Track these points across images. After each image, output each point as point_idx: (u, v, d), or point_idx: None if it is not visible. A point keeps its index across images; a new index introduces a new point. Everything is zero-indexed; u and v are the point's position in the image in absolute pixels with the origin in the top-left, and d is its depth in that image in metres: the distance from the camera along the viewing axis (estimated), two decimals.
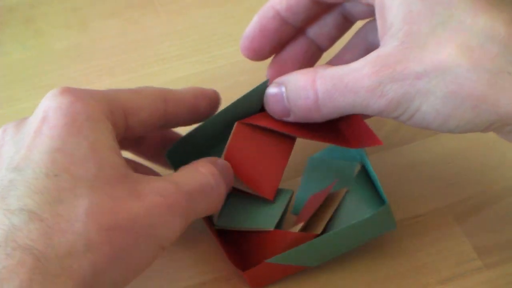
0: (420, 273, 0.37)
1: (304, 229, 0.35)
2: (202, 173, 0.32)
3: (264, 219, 0.36)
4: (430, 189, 0.40)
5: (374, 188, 0.37)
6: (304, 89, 0.32)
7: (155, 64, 0.47)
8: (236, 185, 0.35)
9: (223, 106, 0.44)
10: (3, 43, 0.48)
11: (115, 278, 0.28)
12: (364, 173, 0.38)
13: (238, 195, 0.36)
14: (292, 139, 0.37)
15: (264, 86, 0.35)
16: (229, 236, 0.37)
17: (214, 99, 0.36)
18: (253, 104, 0.36)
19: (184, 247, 0.38)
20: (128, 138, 0.33)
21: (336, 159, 0.39)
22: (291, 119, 0.34)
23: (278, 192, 0.36)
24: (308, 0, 0.36)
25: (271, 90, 0.34)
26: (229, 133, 0.36)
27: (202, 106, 0.35)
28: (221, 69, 0.46)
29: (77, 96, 0.30)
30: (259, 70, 0.46)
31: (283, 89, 0.34)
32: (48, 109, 0.29)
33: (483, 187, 0.40)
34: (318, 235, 0.35)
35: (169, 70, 0.46)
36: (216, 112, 0.36)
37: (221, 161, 0.34)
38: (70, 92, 0.30)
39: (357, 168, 0.39)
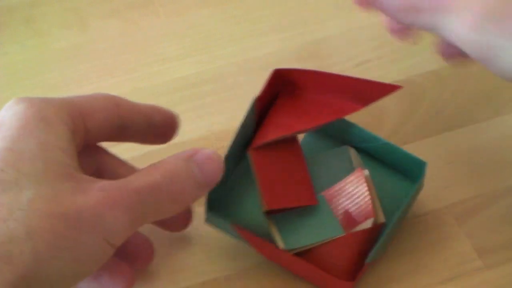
0: (420, 273, 0.37)
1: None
2: (151, 174, 0.31)
3: (327, 227, 0.36)
4: (430, 189, 0.40)
5: (379, 162, 0.39)
6: None
7: (155, 64, 0.47)
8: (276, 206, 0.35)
9: (222, 103, 0.44)
10: (3, 43, 0.48)
11: (60, 269, 0.28)
12: (360, 153, 0.39)
13: (281, 215, 0.36)
14: (296, 141, 0.37)
15: (252, 106, 0.36)
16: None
17: (169, 116, 0.36)
18: (250, 124, 0.36)
19: (184, 248, 0.38)
20: (90, 143, 0.33)
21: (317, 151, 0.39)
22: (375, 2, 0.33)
23: None
24: None
25: None
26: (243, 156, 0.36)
27: (157, 119, 0.35)
28: (221, 69, 0.46)
29: (32, 103, 0.31)
30: (259, 70, 0.46)
31: None
32: (3, 118, 0.30)
33: (483, 187, 0.40)
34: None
35: (169, 70, 0.46)
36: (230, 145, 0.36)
37: (201, 154, 0.32)
38: (25, 100, 0.31)
39: (351, 151, 0.39)
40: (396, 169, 0.39)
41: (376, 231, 0.36)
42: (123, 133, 0.34)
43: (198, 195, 0.32)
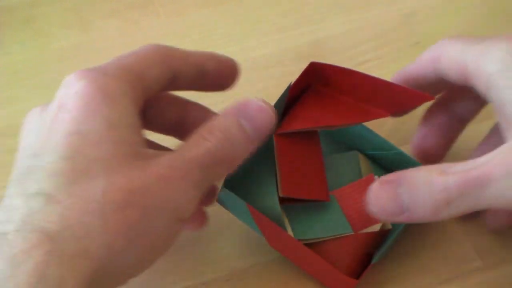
0: (420, 274, 0.37)
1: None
2: (207, 140, 0.30)
3: (336, 224, 0.36)
4: None
5: (386, 170, 0.39)
6: (436, 183, 0.30)
7: None
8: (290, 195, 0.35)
9: (222, 103, 0.44)
10: (3, 43, 0.48)
11: (135, 258, 0.28)
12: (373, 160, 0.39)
13: (291, 206, 0.36)
14: (317, 136, 0.37)
15: (286, 91, 0.36)
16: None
17: (225, 63, 0.35)
18: (279, 110, 0.36)
19: (185, 247, 0.38)
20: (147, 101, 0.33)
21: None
22: (403, 218, 0.31)
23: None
24: (433, 80, 0.35)
25: (381, 187, 0.31)
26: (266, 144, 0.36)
27: (210, 67, 0.34)
28: None
29: (92, 78, 0.30)
30: (259, 71, 0.46)
31: (398, 186, 0.31)
32: (64, 96, 0.30)
33: None
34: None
35: None
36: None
37: (251, 106, 0.31)
38: (84, 76, 0.30)
39: (360, 157, 0.39)
40: None
41: (382, 236, 0.36)
42: (175, 83, 0.34)
43: (249, 151, 0.32)
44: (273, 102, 0.36)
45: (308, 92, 0.38)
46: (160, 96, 0.35)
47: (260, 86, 0.45)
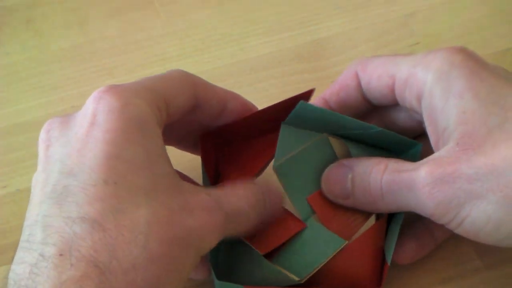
0: (420, 273, 0.37)
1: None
2: (240, 197, 0.31)
3: (326, 241, 0.34)
4: None
5: (367, 145, 0.37)
6: (375, 175, 0.32)
7: (155, 64, 0.47)
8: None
9: None
10: (3, 43, 0.48)
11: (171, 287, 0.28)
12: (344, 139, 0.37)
13: (277, 251, 0.35)
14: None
15: (204, 172, 0.35)
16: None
17: (246, 105, 0.35)
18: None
19: None
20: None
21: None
22: (348, 202, 0.34)
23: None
24: (359, 98, 0.36)
25: (335, 170, 0.34)
26: None
27: (232, 105, 0.35)
28: (221, 69, 0.46)
29: (127, 98, 0.29)
30: (260, 70, 0.46)
31: (348, 171, 0.34)
32: (97, 112, 0.28)
33: None
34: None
35: None
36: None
37: (274, 191, 0.34)
38: (118, 93, 0.29)
39: (331, 140, 0.36)
40: (388, 151, 0.37)
41: (382, 225, 0.35)
42: (195, 113, 0.34)
43: (259, 224, 0.33)
44: (272, 103, 0.36)
45: (225, 156, 0.37)
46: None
47: (260, 86, 0.45)
